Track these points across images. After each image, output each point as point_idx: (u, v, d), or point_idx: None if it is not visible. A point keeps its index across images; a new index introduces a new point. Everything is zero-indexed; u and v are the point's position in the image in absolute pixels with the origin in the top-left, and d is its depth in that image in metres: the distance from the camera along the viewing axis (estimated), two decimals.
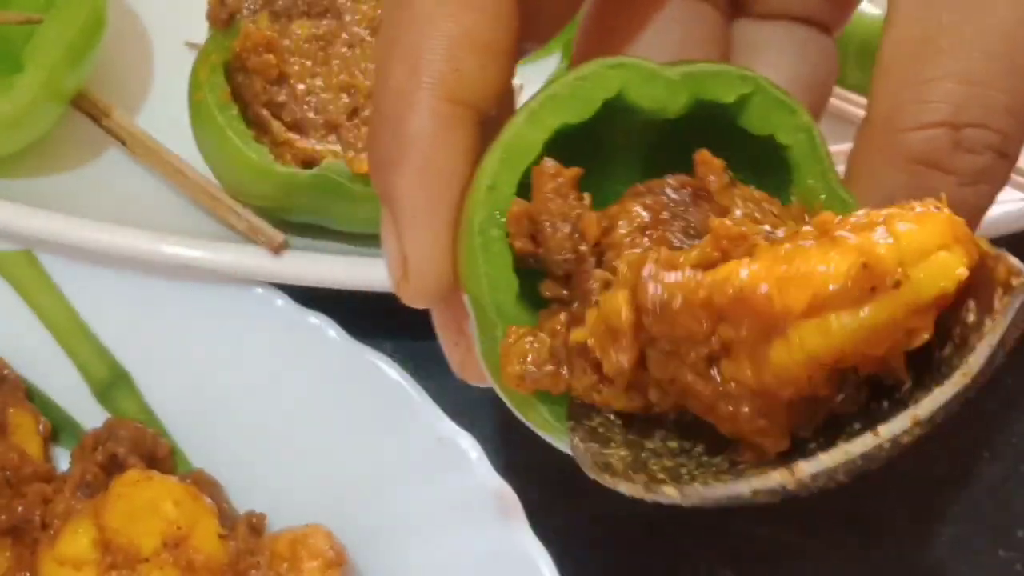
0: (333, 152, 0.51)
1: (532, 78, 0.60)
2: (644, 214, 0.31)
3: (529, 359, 0.33)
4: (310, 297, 0.53)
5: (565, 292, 0.32)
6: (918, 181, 0.31)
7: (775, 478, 0.28)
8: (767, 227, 0.29)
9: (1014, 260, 0.28)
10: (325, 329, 0.52)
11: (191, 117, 0.53)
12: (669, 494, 0.30)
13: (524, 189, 0.32)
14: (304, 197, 0.52)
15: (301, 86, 0.52)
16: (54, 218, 0.53)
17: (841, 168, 0.33)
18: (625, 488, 0.31)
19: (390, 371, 0.52)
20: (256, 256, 0.53)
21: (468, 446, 0.50)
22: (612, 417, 0.33)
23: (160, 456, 0.52)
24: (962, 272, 0.26)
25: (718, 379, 0.28)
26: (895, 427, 0.27)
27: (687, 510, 0.56)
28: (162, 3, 0.62)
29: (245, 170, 0.51)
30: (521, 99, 0.64)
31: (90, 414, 0.54)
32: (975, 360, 0.27)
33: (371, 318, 0.55)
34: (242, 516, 0.51)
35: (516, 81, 0.62)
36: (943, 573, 0.55)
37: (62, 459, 0.53)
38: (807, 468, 0.28)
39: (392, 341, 0.57)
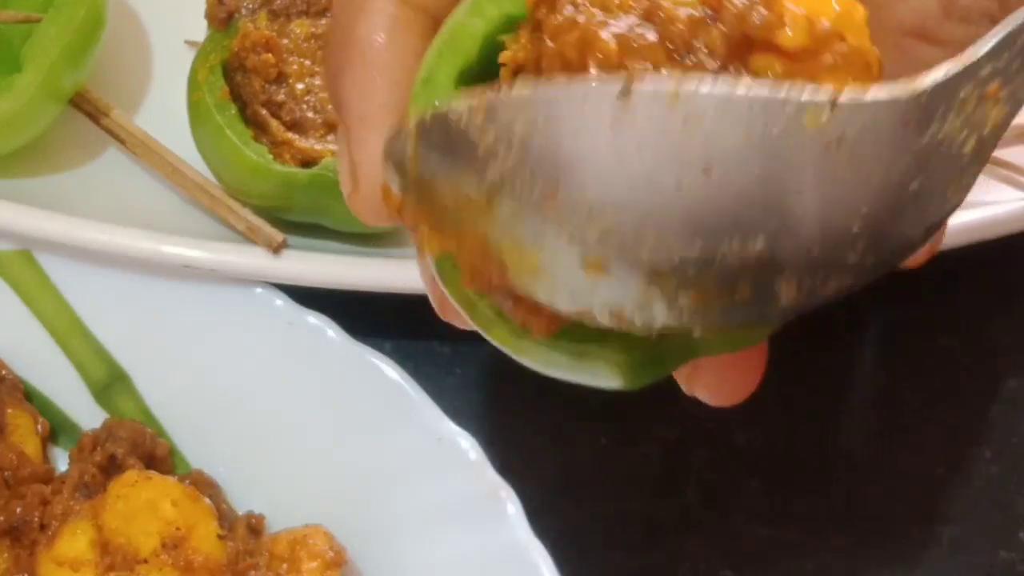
0: (332, 151, 0.51)
1: None
2: None
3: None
4: (310, 297, 0.53)
5: None
6: (907, 55, 0.29)
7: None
8: None
9: None
10: (325, 329, 0.52)
11: (190, 117, 0.53)
12: None
13: (465, 81, 0.30)
14: (303, 196, 0.52)
15: (300, 85, 0.52)
16: (52, 218, 0.53)
17: None
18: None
19: (390, 371, 0.52)
20: (255, 256, 0.53)
21: (468, 446, 0.50)
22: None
23: (159, 456, 0.52)
24: None
25: None
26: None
27: (687, 510, 0.57)
28: (161, 2, 0.62)
29: (244, 169, 0.51)
30: None
31: (88, 415, 0.53)
32: None
33: (371, 318, 0.55)
34: (241, 517, 0.51)
35: None
36: (943, 573, 0.55)
37: (60, 460, 0.53)
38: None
39: (392, 341, 0.57)
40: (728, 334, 0.29)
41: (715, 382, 0.34)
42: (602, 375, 0.30)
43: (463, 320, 0.34)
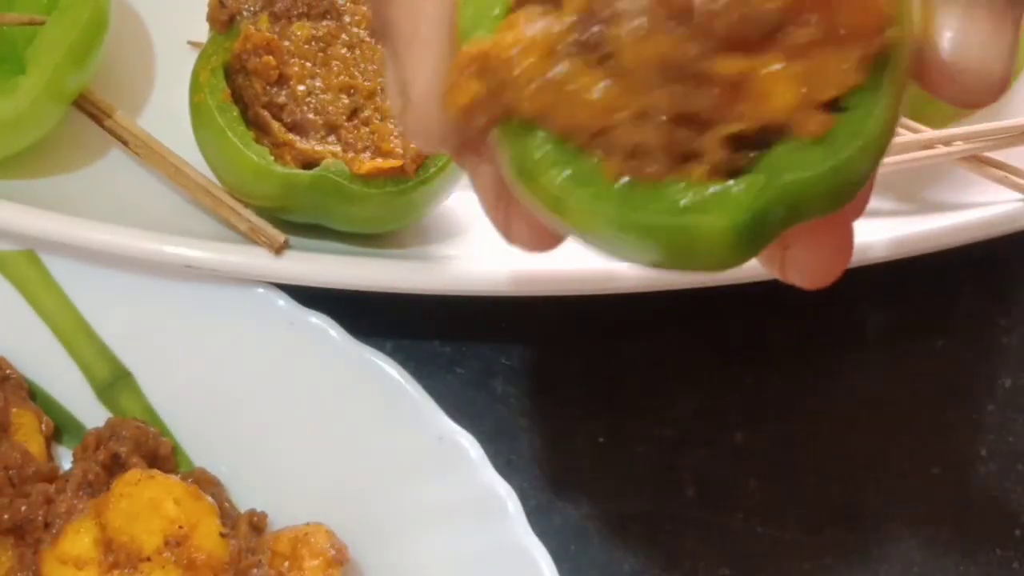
0: (333, 153, 0.52)
1: None
2: None
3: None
4: (310, 297, 0.53)
5: None
6: None
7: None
8: None
9: None
10: (325, 329, 0.53)
11: (192, 119, 0.53)
12: None
13: None
14: (304, 198, 0.52)
15: (301, 87, 0.52)
16: (56, 218, 0.53)
17: None
18: None
19: (390, 371, 0.52)
20: (257, 256, 0.53)
21: (468, 446, 0.51)
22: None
23: (162, 455, 0.52)
24: None
25: None
26: None
27: (687, 510, 0.57)
28: (165, 4, 0.62)
29: (245, 171, 0.52)
30: None
31: (92, 413, 0.54)
32: None
33: (371, 318, 0.55)
34: (243, 515, 0.51)
35: None
36: (942, 573, 0.55)
37: (64, 458, 0.54)
38: None
39: (392, 341, 0.57)
40: (829, 181, 0.29)
41: (810, 260, 0.33)
42: (700, 246, 0.30)
43: (534, 231, 0.34)
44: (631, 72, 0.29)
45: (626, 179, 0.30)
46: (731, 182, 0.29)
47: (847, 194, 0.30)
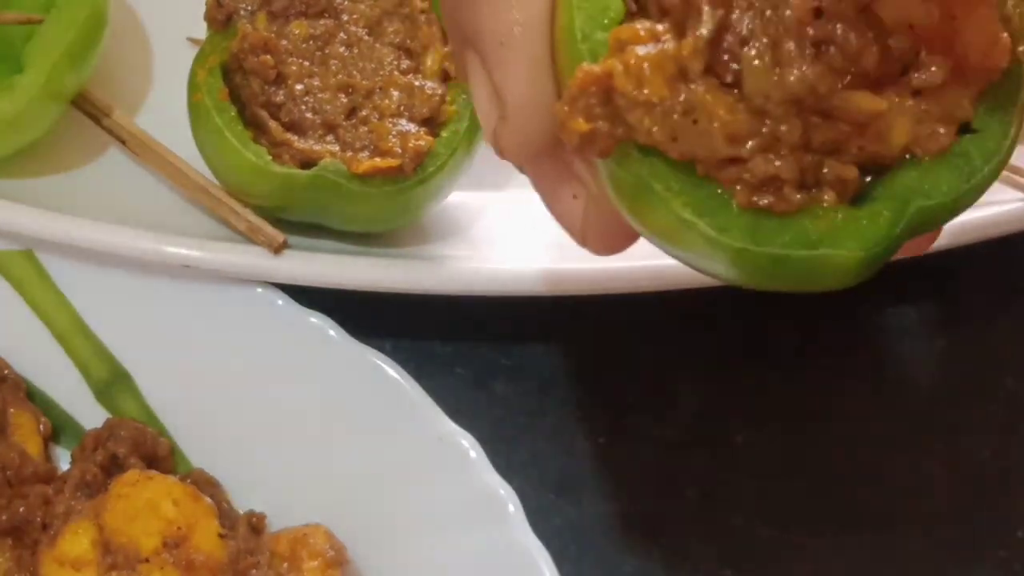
0: (331, 152, 0.51)
1: None
2: None
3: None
4: (311, 297, 0.53)
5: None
6: None
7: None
8: None
9: None
10: (325, 329, 0.52)
11: (190, 118, 0.53)
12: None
13: None
14: (303, 197, 0.52)
15: (299, 86, 0.52)
16: (54, 218, 0.53)
17: None
18: None
19: (390, 371, 0.52)
20: (256, 256, 0.53)
21: (468, 446, 0.51)
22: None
23: (160, 456, 0.52)
24: None
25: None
26: None
27: (687, 510, 0.57)
28: (163, 2, 0.62)
29: (243, 171, 0.51)
30: None
31: (90, 414, 0.54)
32: None
33: (371, 318, 0.55)
34: (242, 516, 0.51)
35: None
36: (943, 573, 0.55)
37: (62, 459, 0.53)
38: None
39: (392, 341, 0.57)
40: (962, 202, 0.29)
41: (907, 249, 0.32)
42: (827, 274, 0.29)
43: (614, 241, 0.32)
44: (763, 102, 0.28)
45: (753, 209, 0.29)
46: (861, 211, 0.29)
47: (967, 207, 0.30)
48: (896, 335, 0.60)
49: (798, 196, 0.29)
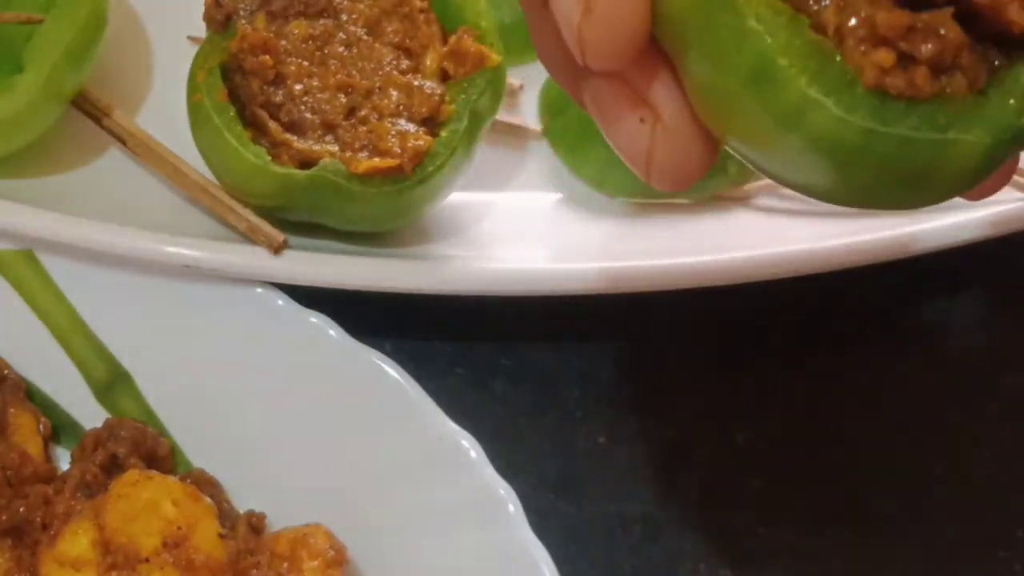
0: (330, 152, 0.51)
1: (532, 78, 0.61)
2: None
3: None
4: (311, 297, 0.53)
5: None
6: None
7: None
8: None
9: None
10: (325, 329, 0.52)
11: (190, 118, 0.53)
12: None
13: None
14: (302, 197, 0.52)
15: (298, 86, 0.52)
16: (54, 218, 0.53)
17: None
18: None
19: (390, 371, 0.52)
20: (256, 256, 0.53)
21: (468, 446, 0.51)
22: None
23: (160, 456, 0.52)
24: None
25: None
26: None
27: (687, 510, 0.57)
28: (163, 2, 0.62)
29: (243, 171, 0.51)
30: (521, 100, 0.64)
31: (90, 414, 0.54)
32: None
33: (371, 318, 0.55)
34: (242, 516, 0.51)
35: (516, 81, 0.62)
36: (943, 573, 0.55)
37: (62, 459, 0.53)
38: None
39: (392, 341, 0.57)
40: None
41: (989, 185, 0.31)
42: (947, 168, 0.28)
43: (686, 161, 0.31)
44: None
45: (880, 92, 0.27)
46: (989, 99, 0.28)
47: None
48: (896, 335, 0.61)
49: (930, 82, 0.28)
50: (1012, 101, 0.28)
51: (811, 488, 0.56)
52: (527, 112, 0.61)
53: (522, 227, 0.58)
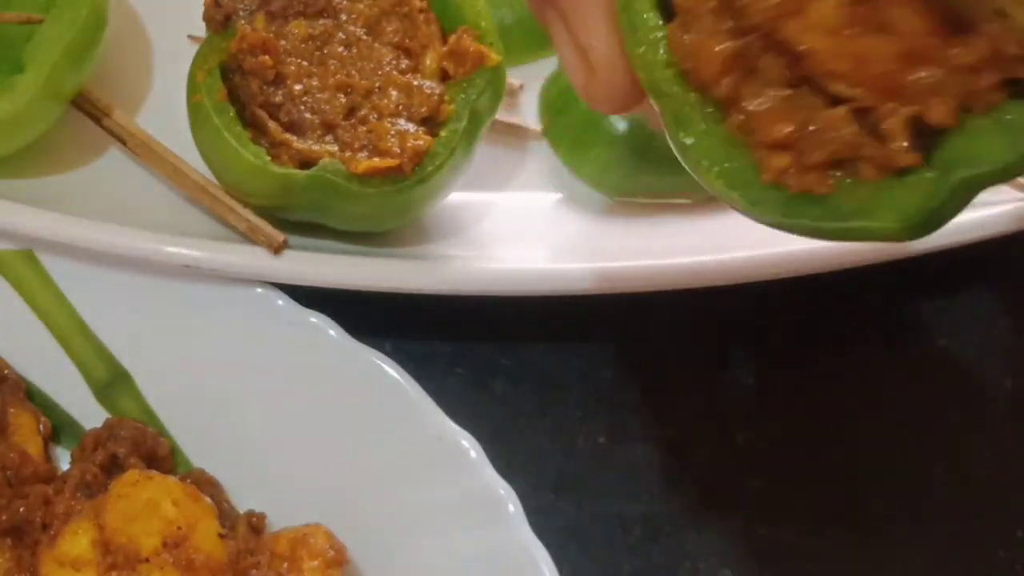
0: (330, 152, 0.51)
1: (532, 78, 0.61)
2: None
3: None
4: (310, 297, 0.53)
5: None
6: None
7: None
8: None
9: None
10: (325, 329, 0.52)
11: (189, 119, 0.53)
12: None
13: None
14: (302, 197, 0.52)
15: (298, 86, 0.52)
16: (54, 218, 0.53)
17: None
18: None
19: (390, 371, 0.52)
20: (256, 256, 0.53)
21: (468, 446, 0.51)
22: None
23: (160, 456, 0.52)
24: None
25: None
26: None
27: (687, 510, 0.57)
28: (163, 2, 0.62)
29: (242, 171, 0.51)
30: (521, 100, 0.64)
31: (90, 414, 0.54)
32: None
33: (371, 318, 0.55)
34: (242, 516, 0.51)
35: (516, 81, 0.62)
36: (943, 573, 0.55)
37: (62, 459, 0.53)
38: None
39: (392, 341, 0.57)
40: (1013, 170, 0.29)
41: None
42: (872, 239, 0.30)
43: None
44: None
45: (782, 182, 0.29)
46: (900, 183, 0.28)
47: (1018, 175, 0.29)
48: (896, 335, 0.60)
49: (824, 181, 0.29)
50: (924, 184, 0.28)
51: (811, 488, 0.56)
52: (527, 112, 0.61)
53: (522, 227, 0.58)
